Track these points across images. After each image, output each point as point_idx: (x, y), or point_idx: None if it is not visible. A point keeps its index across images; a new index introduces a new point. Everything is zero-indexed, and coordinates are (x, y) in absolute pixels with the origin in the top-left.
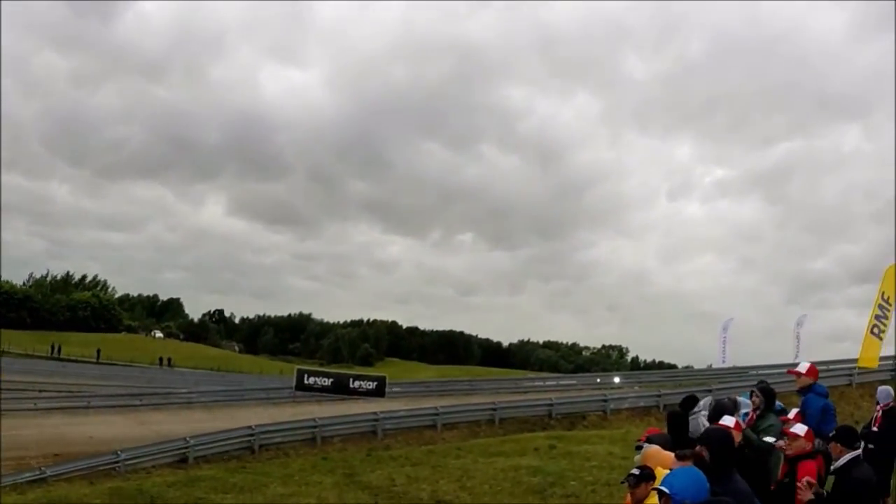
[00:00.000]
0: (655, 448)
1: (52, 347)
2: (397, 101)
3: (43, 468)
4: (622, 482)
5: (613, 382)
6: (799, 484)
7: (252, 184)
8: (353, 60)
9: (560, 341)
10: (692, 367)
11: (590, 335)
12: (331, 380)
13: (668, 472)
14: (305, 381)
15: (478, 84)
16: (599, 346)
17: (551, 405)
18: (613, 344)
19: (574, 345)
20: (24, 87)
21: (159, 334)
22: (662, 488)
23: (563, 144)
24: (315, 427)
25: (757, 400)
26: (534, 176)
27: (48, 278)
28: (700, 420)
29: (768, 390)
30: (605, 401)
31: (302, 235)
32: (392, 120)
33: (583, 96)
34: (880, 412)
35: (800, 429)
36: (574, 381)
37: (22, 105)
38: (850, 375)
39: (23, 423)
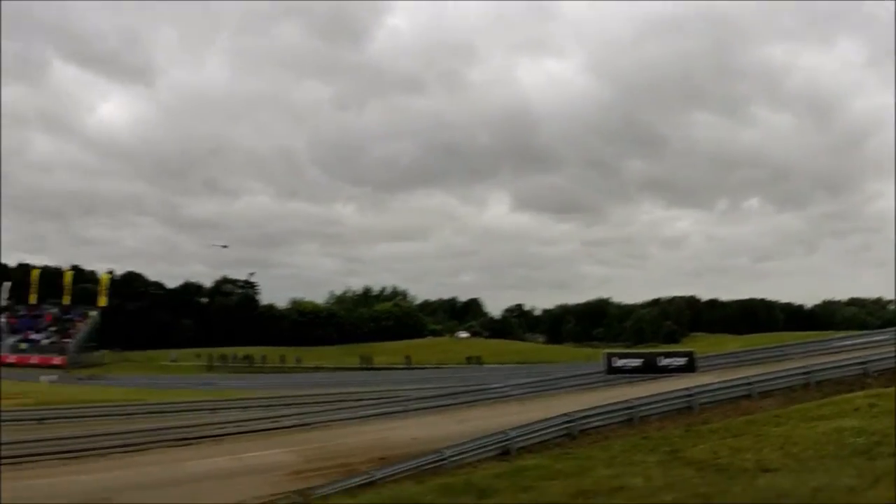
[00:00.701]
0: None
1: (362, 358)
2: (658, 76)
3: (371, 471)
4: None
5: None
6: None
7: (530, 178)
8: (606, 43)
9: (864, 297)
10: None
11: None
12: (640, 360)
13: None
14: (614, 365)
15: (735, 47)
16: None
17: (865, 363)
18: None
19: (879, 299)
20: (293, 118)
21: (464, 334)
22: None
23: (834, 95)
24: (631, 408)
25: None
26: (810, 131)
27: (348, 294)
28: None
29: None
30: None
31: (588, 222)
32: (656, 96)
33: (845, 43)
34: None
35: None
36: (885, 336)
37: (293, 135)
38: None
39: (346, 432)
